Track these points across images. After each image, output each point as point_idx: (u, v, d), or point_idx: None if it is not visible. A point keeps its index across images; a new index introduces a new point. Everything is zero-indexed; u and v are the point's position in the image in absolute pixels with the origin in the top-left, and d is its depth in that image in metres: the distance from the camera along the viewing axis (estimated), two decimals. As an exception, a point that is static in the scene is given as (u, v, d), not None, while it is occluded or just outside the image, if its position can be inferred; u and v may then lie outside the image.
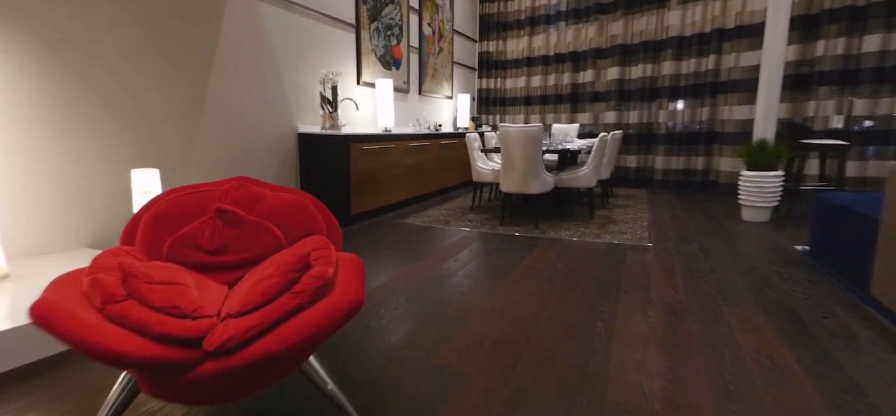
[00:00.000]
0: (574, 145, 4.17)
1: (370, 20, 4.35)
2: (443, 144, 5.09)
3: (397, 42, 4.84)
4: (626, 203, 4.73)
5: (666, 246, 3.04)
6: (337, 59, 4.02)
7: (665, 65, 5.53)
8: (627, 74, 5.89)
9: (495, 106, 7.10)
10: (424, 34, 5.42)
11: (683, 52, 5.42)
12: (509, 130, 3.46)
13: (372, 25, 4.37)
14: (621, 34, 5.80)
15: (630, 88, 5.90)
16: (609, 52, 5.97)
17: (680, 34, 5.39)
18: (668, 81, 5.52)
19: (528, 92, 6.76)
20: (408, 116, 5.27)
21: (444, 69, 6.05)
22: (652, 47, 5.62)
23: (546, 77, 6.59)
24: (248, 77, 3.15)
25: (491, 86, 7.08)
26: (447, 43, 6.05)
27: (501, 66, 6.95)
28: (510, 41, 6.82)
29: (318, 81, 3.57)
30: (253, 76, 3.18)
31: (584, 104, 6.30)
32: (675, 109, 5.56)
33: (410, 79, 5.23)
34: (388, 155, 4.01)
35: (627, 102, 5.96)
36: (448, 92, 6.24)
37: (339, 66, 4.05)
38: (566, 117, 6.44)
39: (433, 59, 5.71)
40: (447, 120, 6.37)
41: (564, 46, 6.36)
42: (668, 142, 5.64)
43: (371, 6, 4.34)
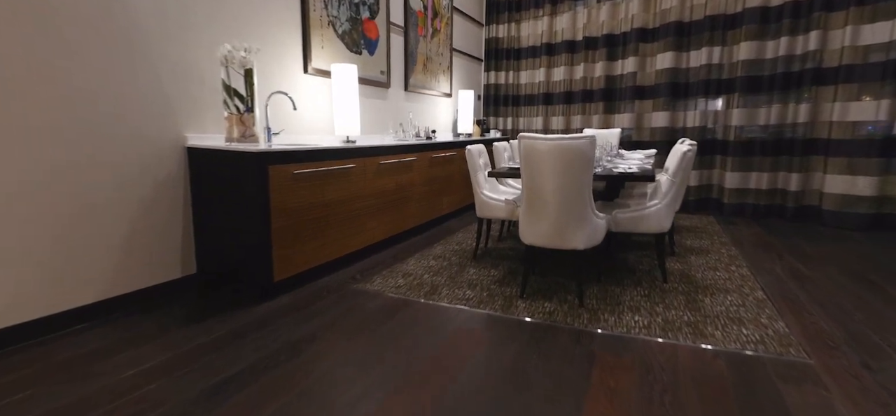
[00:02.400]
0: (635, 164, 2.73)
1: (324, -22, 2.96)
2: (435, 158, 3.68)
3: (372, 15, 3.44)
4: (699, 243, 3.26)
5: (841, 361, 1.59)
6: (264, 31, 2.62)
7: (740, 48, 4.05)
8: (684, 60, 4.42)
9: (506, 105, 5.68)
10: (412, 8, 4.01)
11: (769, 29, 3.94)
12: (536, 146, 2.03)
13: (328, -13, 2.98)
14: (676, 7, 4.34)
15: (688, 80, 4.44)
16: (659, 32, 4.51)
17: (763, 3, 3.91)
18: (744, 69, 4.05)
19: (548, 87, 5.32)
20: (388, 120, 3.86)
21: (441, 59, 4.64)
22: (721, 24, 4.15)
23: (572, 68, 5.15)
24: (94, 50, 1.76)
25: (501, 80, 5.66)
26: (444, 24, 4.64)
27: (514, 55, 5.52)
28: (525, 24, 5.39)
29: (220, 61, 2.18)
30: (102, 47, 1.80)
31: (623, 103, 4.84)
32: (755, 106, 4.08)
33: (392, 68, 3.82)
34: (344, 180, 2.61)
35: (683, 99, 4.49)
36: (446, 88, 4.82)
37: (266, 40, 2.65)
38: (598, 120, 4.99)
39: (425, 43, 4.30)
40: (444, 124, 4.95)
41: (596, 28, 4.91)
42: (743, 152, 4.16)
43: (326, -42, 2.95)
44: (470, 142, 4.36)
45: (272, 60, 2.67)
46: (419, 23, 4.15)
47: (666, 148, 4.56)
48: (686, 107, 4.49)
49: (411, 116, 4.18)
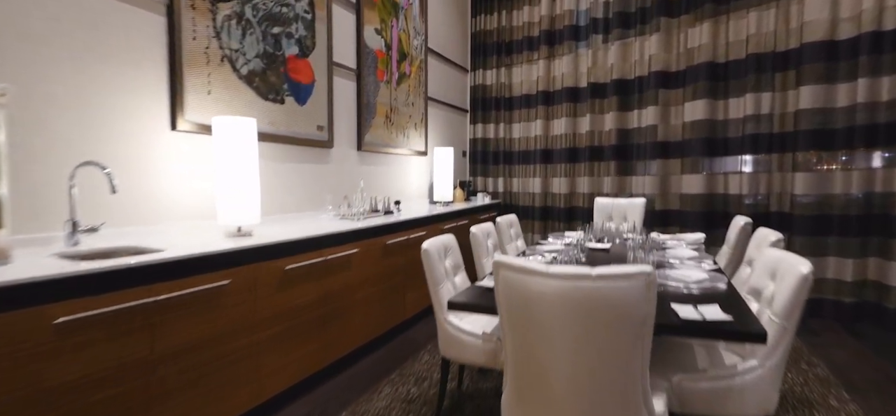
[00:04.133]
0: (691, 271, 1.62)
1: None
2: (393, 244, 2.62)
3: (302, 53, 2.49)
4: (788, 386, 2.13)
5: None
6: (88, 63, 1.63)
7: (800, 94, 3.09)
8: (721, 110, 3.46)
9: (497, 163, 4.69)
10: (368, 47, 3.09)
11: (838, 69, 2.99)
12: (531, 285, 0.97)
13: (224, 6, 2.03)
14: (707, 45, 3.43)
15: (727, 135, 3.45)
16: (687, 76, 3.58)
17: (830, 36, 2.98)
18: (806, 121, 3.06)
19: (547, 143, 4.35)
20: (329, 191, 2.83)
21: (411, 110, 3.69)
22: (769, 64, 3.22)
23: (575, 120, 4.20)
24: None
25: (489, 134, 4.70)
26: (416, 69, 3.73)
27: (505, 104, 4.60)
28: (517, 69, 4.50)
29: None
30: None
31: (642, 162, 3.84)
32: (828, 168, 3.06)
33: (336, 122, 2.84)
34: (214, 306, 1.53)
35: (722, 157, 3.49)
36: (418, 145, 3.84)
37: (90, 76, 1.66)
38: (611, 184, 3.97)
39: (388, 91, 3.35)
40: (417, 190, 3.93)
41: (604, 72, 4.00)
42: (814, 229, 3.09)
43: (219, -33, 2.01)
44: (442, 217, 3.31)
45: (104, 110, 1.66)
46: (379, 65, 3.22)
47: (701, 221, 3.51)
48: (725, 167, 3.47)
49: (363, 184, 3.15)
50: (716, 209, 3.52)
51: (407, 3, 3.52)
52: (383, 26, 3.24)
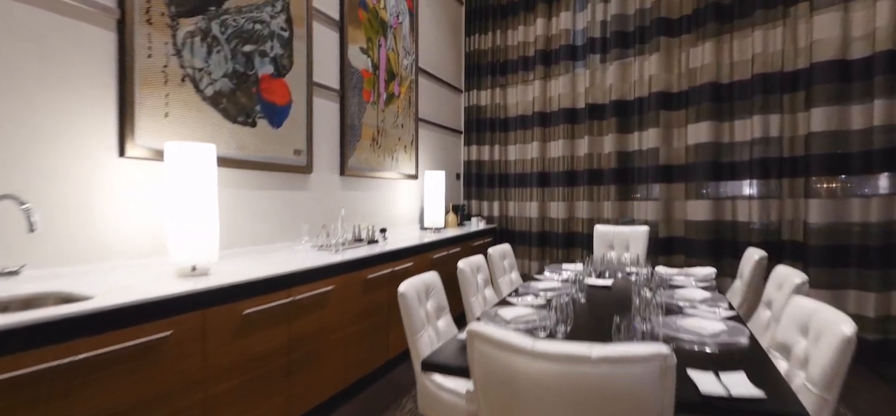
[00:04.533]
0: (707, 323, 1.39)
1: (172, 6, 1.84)
2: (374, 278, 2.40)
3: (278, 72, 2.32)
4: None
5: None
6: (12, 78, 1.44)
7: (811, 116, 2.91)
8: (726, 132, 3.28)
9: (492, 187, 4.49)
10: (353, 67, 2.92)
11: (852, 90, 2.81)
12: (516, 366, 0.76)
13: (186, 22, 1.85)
14: (710, 65, 3.26)
15: (733, 158, 3.26)
16: (689, 96, 3.41)
17: (842, 55, 2.82)
18: (819, 144, 2.87)
19: (544, 165, 4.17)
20: (308, 219, 2.62)
21: (401, 131, 3.52)
22: (777, 85, 3.05)
23: (573, 143, 4.02)
24: None
25: (484, 156, 4.52)
26: (405, 89, 3.56)
27: (500, 126, 4.43)
28: (513, 90, 4.35)
29: None
30: None
31: (643, 186, 3.65)
32: (843, 195, 2.86)
33: (316, 146, 2.65)
34: (144, 368, 1.30)
35: (729, 181, 3.30)
36: (408, 168, 3.65)
37: (33, 90, 1.46)
38: (611, 208, 3.77)
39: (375, 112, 3.18)
40: (407, 215, 3.72)
41: (602, 93, 3.84)
42: (831, 259, 2.86)
43: (181, -21, 1.85)
44: (432, 246, 3.09)
45: (40, 135, 1.47)
46: (365, 86, 3.05)
47: (708, 249, 3.29)
48: (733, 192, 3.27)
49: (345, 211, 2.95)
50: (724, 237, 3.31)
51: (396, 22, 3.38)
52: (370, 45, 3.08)
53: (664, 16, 3.47)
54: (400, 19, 3.44)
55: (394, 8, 3.35)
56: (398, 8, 3.41)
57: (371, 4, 3.06)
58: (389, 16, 3.29)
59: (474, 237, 3.84)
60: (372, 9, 3.08)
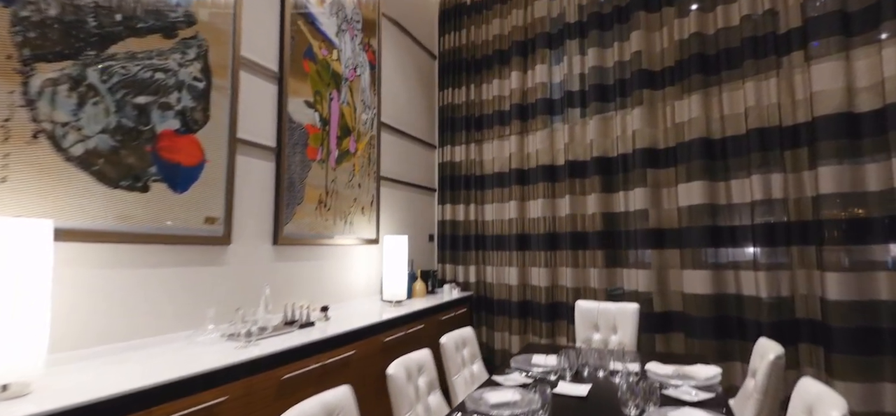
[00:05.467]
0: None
1: (25, 48, 1.49)
2: (291, 378, 1.91)
3: (186, 128, 1.96)
4: None
5: None
6: None
7: (819, 175, 2.54)
8: (723, 193, 2.89)
9: (468, 250, 4.06)
10: (295, 123, 2.59)
11: (863, 147, 2.45)
12: None
13: (47, 67, 1.51)
14: (698, 119, 2.94)
15: (733, 222, 2.85)
16: (678, 153, 3.06)
17: (848, 108, 2.48)
18: (831, 206, 2.47)
19: (523, 226, 3.76)
20: (221, 299, 2.17)
21: (357, 192, 3.14)
22: (776, 141, 2.69)
23: (554, 202, 3.64)
24: None
25: (458, 216, 4.13)
26: (364, 146, 3.22)
27: (476, 183, 4.07)
28: (489, 146, 4.03)
29: None
30: None
31: (633, 252, 3.22)
32: (868, 267, 2.42)
33: (237, 212, 2.25)
34: None
35: (730, 248, 2.87)
36: (367, 232, 3.24)
37: None
38: (598, 276, 3.32)
39: (323, 171, 2.81)
40: (364, 286, 3.26)
41: (583, 149, 3.51)
42: (858, 345, 2.38)
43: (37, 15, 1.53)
44: (387, 325, 2.61)
45: None
46: (311, 143, 2.70)
47: (711, 328, 2.81)
48: (736, 262, 2.84)
49: (270, 291, 2.50)
50: (728, 313, 2.83)
51: (353, 74, 3.10)
52: (318, 99, 2.77)
53: (645, 68, 3.19)
54: (358, 72, 3.16)
55: (350, 60, 3.08)
56: (356, 60, 3.14)
57: (321, 56, 2.78)
58: (344, 68, 3.01)
59: (445, 309, 3.36)
60: (322, 61, 2.79)
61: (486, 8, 4.10)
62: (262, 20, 2.42)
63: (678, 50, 3.07)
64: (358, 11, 3.18)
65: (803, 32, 2.62)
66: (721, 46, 2.91)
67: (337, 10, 2.96)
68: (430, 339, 3.06)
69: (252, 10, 2.36)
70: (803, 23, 2.63)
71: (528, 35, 3.84)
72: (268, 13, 2.46)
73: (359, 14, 3.19)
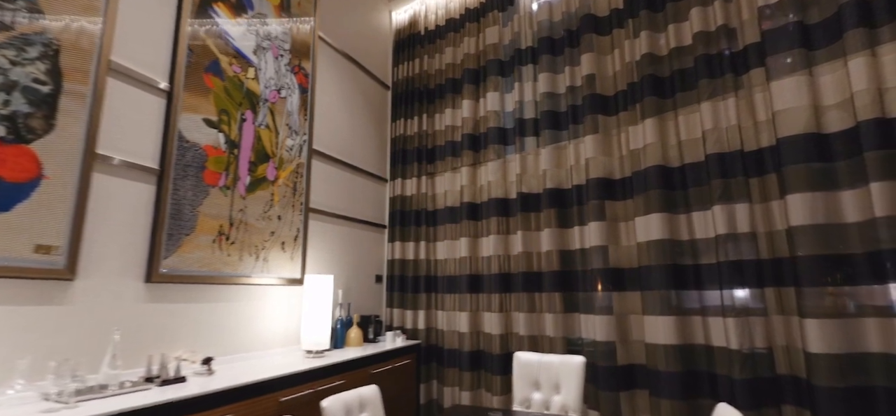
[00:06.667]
0: None
1: None
2: (114, 454, 1.48)
3: (16, 135, 1.64)
4: None
5: None
6: None
7: (788, 205, 2.19)
8: (684, 227, 2.54)
9: (418, 292, 3.65)
10: (189, 142, 2.28)
11: (836, 171, 2.13)
12: None
13: None
14: (654, 146, 2.63)
15: (697, 260, 2.48)
16: (634, 183, 2.73)
17: (815, 129, 2.17)
18: (804, 242, 2.11)
19: (474, 267, 3.37)
20: (63, 348, 1.77)
21: (277, 224, 2.79)
22: (738, 167, 2.37)
23: (507, 239, 3.27)
24: None
25: (408, 255, 3.75)
26: (287, 174, 2.91)
27: (429, 219, 3.73)
28: (441, 178, 3.73)
29: None
30: None
31: (590, 295, 2.82)
32: (854, 314, 2.02)
33: (88, 241, 1.89)
34: None
35: (696, 290, 2.47)
36: (288, 271, 2.85)
37: None
38: (554, 322, 2.90)
39: (228, 199, 2.48)
40: (283, 334, 2.83)
41: (537, 181, 3.19)
42: (844, 408, 1.94)
43: None
44: (285, 381, 2.17)
45: None
46: (210, 166, 2.38)
47: (679, 385, 2.37)
48: (704, 306, 2.43)
49: (119, 336, 2.08)
50: (697, 367, 2.40)
51: (275, 96, 2.83)
52: (225, 119, 2.47)
53: (597, 92, 2.92)
54: (283, 94, 2.89)
55: (273, 81, 2.82)
56: (281, 81, 2.88)
57: (231, 72, 2.52)
58: (264, 88, 2.74)
59: (381, 360, 2.91)
60: (232, 78, 2.52)
61: (440, 37, 3.92)
62: (149, 27, 2.16)
63: (630, 72, 2.81)
64: (287, 31, 2.96)
65: (761, 48, 2.36)
66: (675, 67, 2.65)
67: (257, 28, 2.73)
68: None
69: (134, 13, 2.10)
70: (761, 38, 2.37)
71: (481, 62, 3.63)
72: (158, 20, 2.21)
73: (287, 34, 2.97)
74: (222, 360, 2.38)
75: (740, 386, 2.19)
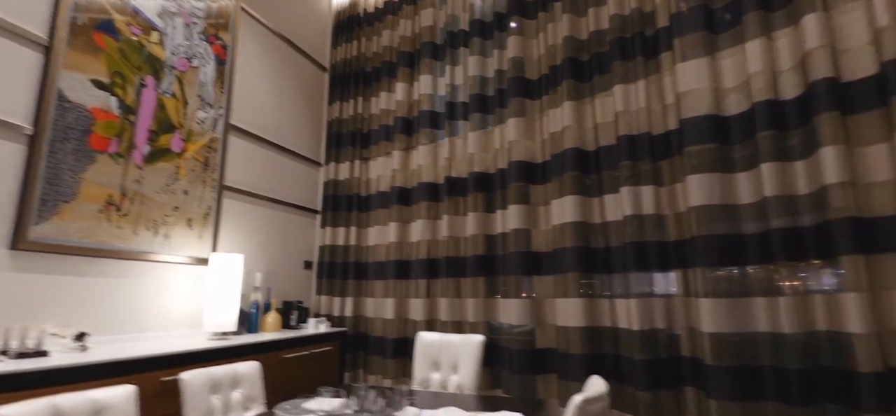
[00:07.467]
0: None
1: None
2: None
3: None
4: None
5: None
6: None
7: (689, 184, 2.21)
8: (597, 210, 2.53)
9: (346, 279, 3.56)
10: (71, 103, 2.13)
11: (732, 154, 2.15)
12: None
13: None
14: (572, 128, 2.62)
15: (608, 243, 2.47)
16: (551, 167, 2.72)
17: (715, 111, 2.19)
18: (701, 223, 2.12)
19: (401, 252, 3.30)
20: None
21: (181, 200, 2.65)
22: (646, 149, 2.37)
23: (435, 224, 3.22)
24: None
25: (339, 240, 3.65)
26: (198, 148, 2.77)
27: (362, 204, 3.64)
28: (375, 162, 3.64)
29: None
30: None
31: (510, 278, 2.78)
32: (742, 293, 2.04)
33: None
34: None
35: (606, 274, 2.46)
36: (197, 250, 2.72)
37: None
38: (476, 307, 2.85)
39: (123, 168, 2.33)
40: (188, 315, 2.69)
41: (465, 164, 3.14)
42: (735, 385, 1.95)
43: None
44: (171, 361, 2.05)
45: None
46: (98, 131, 2.23)
47: (587, 368, 2.35)
48: (613, 287, 2.42)
49: (31, 305, 1.93)
50: (603, 350, 2.39)
51: (184, 64, 2.69)
52: (120, 81, 2.33)
53: (522, 76, 2.90)
54: (195, 63, 2.76)
55: (182, 48, 2.68)
56: (192, 50, 2.75)
57: (125, 32, 2.37)
58: (170, 54, 2.61)
59: (294, 346, 2.80)
60: (127, 39, 2.38)
61: (378, 19, 3.84)
62: (25, -24, 2.01)
63: (552, 56, 2.80)
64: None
65: (669, 32, 2.38)
66: (593, 50, 2.65)
67: (166, -9, 2.60)
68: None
69: (8, -39, 1.95)
70: (669, 22, 2.39)
71: (416, 45, 3.57)
72: (40, -29, 2.06)
73: (202, 0, 2.84)
74: (109, 338, 2.23)
75: (638, 367, 2.18)
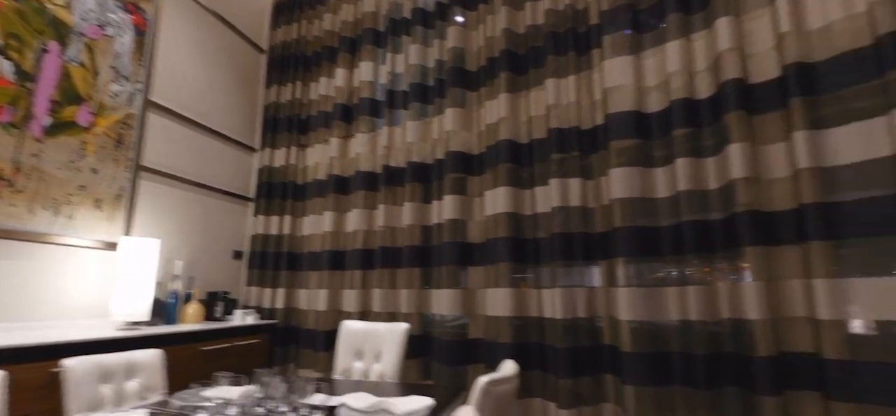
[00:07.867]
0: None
1: None
2: None
3: None
4: None
5: None
6: None
7: (612, 177, 2.28)
8: (528, 201, 2.57)
9: (279, 269, 3.41)
10: (-50, 62, 1.89)
11: (653, 149, 2.24)
12: None
13: None
14: (507, 120, 2.64)
15: (537, 234, 2.51)
16: (486, 158, 2.73)
17: (637, 107, 2.27)
18: (624, 215, 2.19)
19: (337, 242, 3.21)
20: None
21: (89, 178, 2.43)
22: (575, 142, 2.43)
23: (371, 214, 3.15)
24: None
25: (272, 229, 3.50)
26: (110, 123, 2.56)
27: (297, 192, 3.51)
28: (312, 150, 3.52)
29: None
30: None
31: (444, 268, 2.76)
32: (659, 284, 2.12)
33: None
34: None
35: (534, 264, 2.50)
36: (109, 235, 2.50)
37: None
38: (409, 298, 2.81)
39: (20, 140, 2.10)
40: (97, 302, 2.47)
41: (403, 153, 3.10)
42: (650, 373, 2.03)
43: None
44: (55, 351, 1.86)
45: None
46: (-16, 95, 2.00)
47: (511, 356, 2.37)
48: (540, 278, 2.47)
49: None
50: (529, 339, 2.42)
51: (96, 31, 2.47)
52: (16, 45, 2.10)
53: (461, 66, 2.90)
54: (109, 32, 2.54)
55: (93, 14, 2.46)
56: (105, 17, 2.53)
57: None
58: (78, 19, 2.38)
59: (214, 337, 2.64)
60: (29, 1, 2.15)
61: (320, 2, 3.72)
62: None
63: (491, 47, 2.82)
64: (120, -37, 2.62)
65: (600, 30, 2.45)
66: (530, 44, 2.69)
67: (73, -50, 2.37)
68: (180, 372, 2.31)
69: None
70: (600, 20, 2.46)
71: (357, 31, 3.48)
72: None
73: (119, -35, 2.62)
74: (-10, 328, 2.00)
75: (561, 355, 2.23)
